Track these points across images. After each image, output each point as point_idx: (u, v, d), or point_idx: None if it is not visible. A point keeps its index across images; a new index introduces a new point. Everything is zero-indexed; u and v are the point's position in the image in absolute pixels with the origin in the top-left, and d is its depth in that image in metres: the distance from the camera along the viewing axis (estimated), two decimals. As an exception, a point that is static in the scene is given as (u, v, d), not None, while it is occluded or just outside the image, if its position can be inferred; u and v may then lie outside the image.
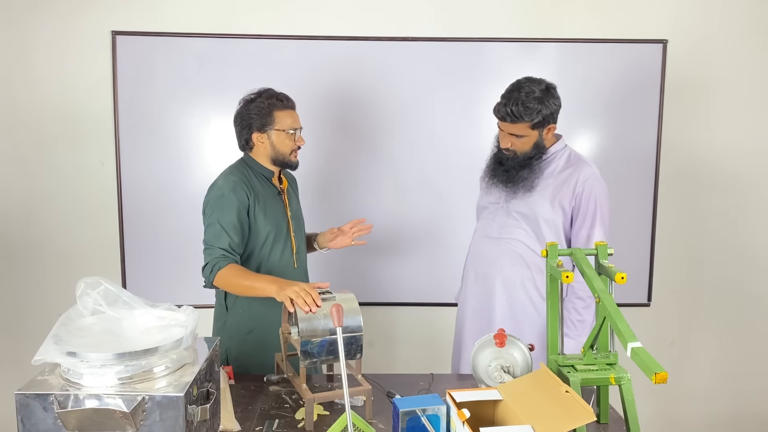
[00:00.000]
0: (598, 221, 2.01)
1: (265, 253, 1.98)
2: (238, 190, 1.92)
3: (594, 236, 2.00)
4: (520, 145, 2.01)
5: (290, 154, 2.00)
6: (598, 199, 2.01)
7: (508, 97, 1.97)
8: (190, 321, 1.27)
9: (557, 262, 1.52)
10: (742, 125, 2.83)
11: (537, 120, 1.96)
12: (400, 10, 2.70)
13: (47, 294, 2.81)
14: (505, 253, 2.08)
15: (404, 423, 1.38)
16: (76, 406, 1.10)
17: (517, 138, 2.00)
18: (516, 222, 2.06)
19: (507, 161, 2.04)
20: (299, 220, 2.13)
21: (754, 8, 2.76)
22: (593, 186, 2.01)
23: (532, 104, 1.93)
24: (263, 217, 1.96)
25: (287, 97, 2.01)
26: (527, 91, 1.94)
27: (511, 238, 2.07)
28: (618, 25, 2.73)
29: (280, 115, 1.97)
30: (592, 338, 1.49)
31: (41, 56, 2.67)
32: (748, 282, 2.94)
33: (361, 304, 1.72)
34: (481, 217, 2.19)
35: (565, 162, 2.06)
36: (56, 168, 2.75)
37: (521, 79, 1.99)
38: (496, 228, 2.10)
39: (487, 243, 2.12)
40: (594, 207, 2.01)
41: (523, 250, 2.06)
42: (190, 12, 2.67)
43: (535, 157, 2.03)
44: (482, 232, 2.15)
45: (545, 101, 1.95)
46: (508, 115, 1.95)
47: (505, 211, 2.08)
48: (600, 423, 1.60)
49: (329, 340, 1.62)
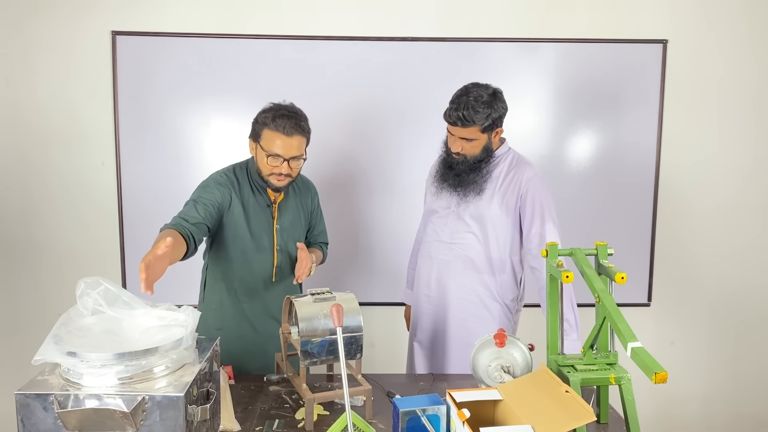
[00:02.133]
0: (547, 219, 2.04)
1: (241, 262, 1.97)
2: (223, 185, 1.91)
3: (547, 234, 2.03)
4: (470, 149, 2.04)
5: (268, 175, 1.89)
6: (543, 197, 2.05)
7: (458, 102, 2.00)
8: (190, 321, 1.27)
9: (557, 262, 1.52)
10: (741, 125, 2.83)
11: (486, 124, 1.99)
12: (400, 10, 2.70)
13: (47, 294, 2.81)
14: (458, 258, 2.12)
15: (404, 423, 1.38)
16: (76, 406, 1.10)
17: (467, 142, 2.03)
18: (467, 226, 2.10)
19: (457, 165, 2.08)
20: (290, 235, 2.04)
21: (754, 8, 2.76)
22: (536, 186, 2.05)
23: (482, 108, 1.97)
24: (245, 224, 1.94)
25: (290, 121, 1.85)
26: (476, 96, 1.98)
27: (462, 243, 2.11)
28: (618, 25, 2.74)
29: (268, 135, 1.86)
30: (592, 338, 1.49)
31: (42, 56, 2.68)
32: (748, 282, 2.94)
33: (362, 304, 1.72)
34: (431, 220, 2.21)
35: (508, 165, 2.11)
36: (56, 168, 2.75)
37: (468, 85, 2.03)
38: (448, 232, 2.14)
39: (440, 247, 2.16)
40: (540, 205, 2.04)
41: (474, 254, 2.11)
42: (190, 12, 2.67)
43: (484, 161, 2.07)
44: (433, 236, 2.19)
45: (493, 105, 1.99)
46: (459, 120, 1.98)
47: (456, 216, 2.12)
48: (600, 423, 1.60)
49: (329, 340, 1.62)
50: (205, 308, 2.03)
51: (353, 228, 2.81)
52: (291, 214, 2.04)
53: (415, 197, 2.80)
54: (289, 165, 1.88)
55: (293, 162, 1.89)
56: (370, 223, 2.83)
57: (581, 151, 2.80)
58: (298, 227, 2.07)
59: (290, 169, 1.89)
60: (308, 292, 1.71)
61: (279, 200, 2.01)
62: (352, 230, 2.80)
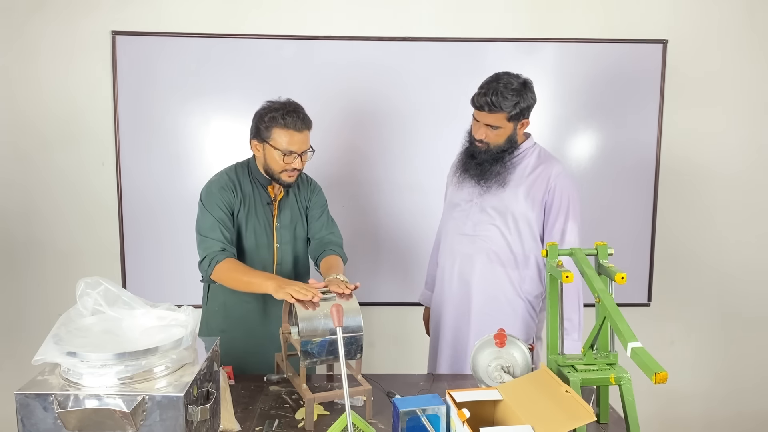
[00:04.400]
0: (571, 216, 2.03)
1: (243, 261, 1.97)
2: (227, 190, 1.94)
3: (568, 231, 2.02)
4: (494, 138, 2.02)
5: (280, 172, 1.92)
6: (570, 194, 2.04)
7: (487, 87, 1.98)
8: (190, 321, 1.27)
9: (557, 262, 1.52)
10: (741, 125, 2.83)
11: (514, 112, 1.97)
12: (400, 10, 2.70)
13: (47, 294, 2.81)
14: (481, 251, 2.08)
15: (404, 423, 1.38)
16: (76, 406, 1.10)
17: (492, 129, 2.01)
18: (490, 218, 2.07)
19: (479, 154, 2.05)
20: (290, 233, 2.05)
21: (754, 8, 2.76)
22: (565, 182, 2.04)
23: (510, 95, 1.96)
24: (244, 221, 1.97)
25: (296, 117, 1.89)
26: (505, 82, 1.97)
27: (486, 235, 2.08)
28: (618, 25, 2.73)
29: (278, 133, 1.88)
30: (592, 338, 1.49)
31: (42, 56, 2.67)
32: (748, 282, 2.94)
33: (362, 304, 1.72)
34: (452, 214, 2.17)
35: (536, 159, 2.08)
36: (56, 168, 2.75)
37: (499, 72, 2.01)
38: (471, 225, 2.10)
39: (462, 240, 2.12)
40: (567, 202, 2.03)
41: (497, 247, 2.07)
42: (190, 12, 2.67)
43: (507, 151, 2.05)
44: (455, 229, 2.15)
45: (523, 94, 1.98)
46: (487, 105, 1.97)
47: (479, 208, 2.09)
48: (600, 423, 1.60)
49: (329, 340, 1.62)
50: (208, 311, 2.04)
51: (354, 228, 2.80)
52: (291, 211, 2.06)
53: (415, 197, 2.81)
54: (301, 159, 1.92)
55: (304, 156, 1.93)
56: (372, 223, 2.83)
57: (581, 151, 2.80)
58: (299, 224, 2.08)
59: (302, 163, 1.93)
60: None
61: (279, 198, 2.03)
62: (354, 230, 2.80)
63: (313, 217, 2.11)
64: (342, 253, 2.08)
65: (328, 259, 2.02)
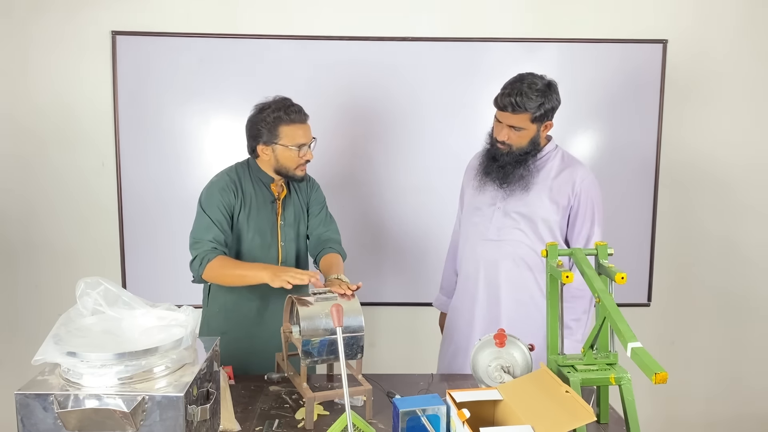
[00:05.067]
0: (596, 221, 2.02)
1: (246, 260, 1.97)
2: (227, 191, 1.94)
3: (594, 236, 2.00)
4: (516, 139, 1.98)
5: (295, 168, 1.96)
6: (595, 199, 2.02)
7: (510, 88, 1.95)
8: (190, 321, 1.27)
9: (557, 262, 1.52)
10: (741, 125, 2.82)
11: (538, 113, 1.94)
12: (401, 10, 2.70)
13: (47, 294, 2.80)
14: (507, 256, 2.04)
15: (404, 423, 1.38)
16: (76, 406, 1.10)
17: (515, 131, 1.97)
18: (515, 222, 2.03)
19: (501, 157, 2.01)
20: (294, 230, 2.06)
21: (754, 8, 2.75)
22: (590, 186, 2.02)
23: (535, 96, 1.92)
24: (246, 221, 1.96)
25: (297, 110, 1.94)
26: (530, 83, 1.93)
27: (511, 239, 2.04)
28: (618, 25, 2.73)
29: (286, 130, 1.91)
30: (592, 338, 1.49)
31: (41, 56, 2.67)
32: (748, 282, 2.93)
33: (363, 304, 1.72)
34: (473, 218, 2.12)
35: (560, 162, 2.06)
36: (56, 168, 2.74)
37: (523, 73, 1.98)
38: (494, 229, 2.05)
39: (486, 245, 2.07)
40: (592, 207, 2.01)
41: (524, 252, 2.03)
42: (189, 12, 2.67)
43: (530, 154, 2.01)
44: (478, 235, 2.09)
45: (547, 95, 1.95)
46: (510, 105, 1.93)
47: (502, 212, 2.05)
48: (600, 423, 1.60)
49: (330, 339, 1.62)
50: (208, 313, 2.03)
51: (355, 228, 2.80)
52: (294, 209, 2.07)
53: (417, 197, 2.80)
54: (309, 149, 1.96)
55: (313, 145, 1.98)
56: (373, 223, 2.83)
57: (581, 151, 2.79)
58: (301, 221, 2.09)
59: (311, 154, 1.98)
60: (311, 291, 1.72)
61: (282, 196, 2.03)
62: (355, 231, 2.79)
63: (312, 214, 2.12)
64: (341, 249, 2.09)
65: (328, 257, 2.02)
